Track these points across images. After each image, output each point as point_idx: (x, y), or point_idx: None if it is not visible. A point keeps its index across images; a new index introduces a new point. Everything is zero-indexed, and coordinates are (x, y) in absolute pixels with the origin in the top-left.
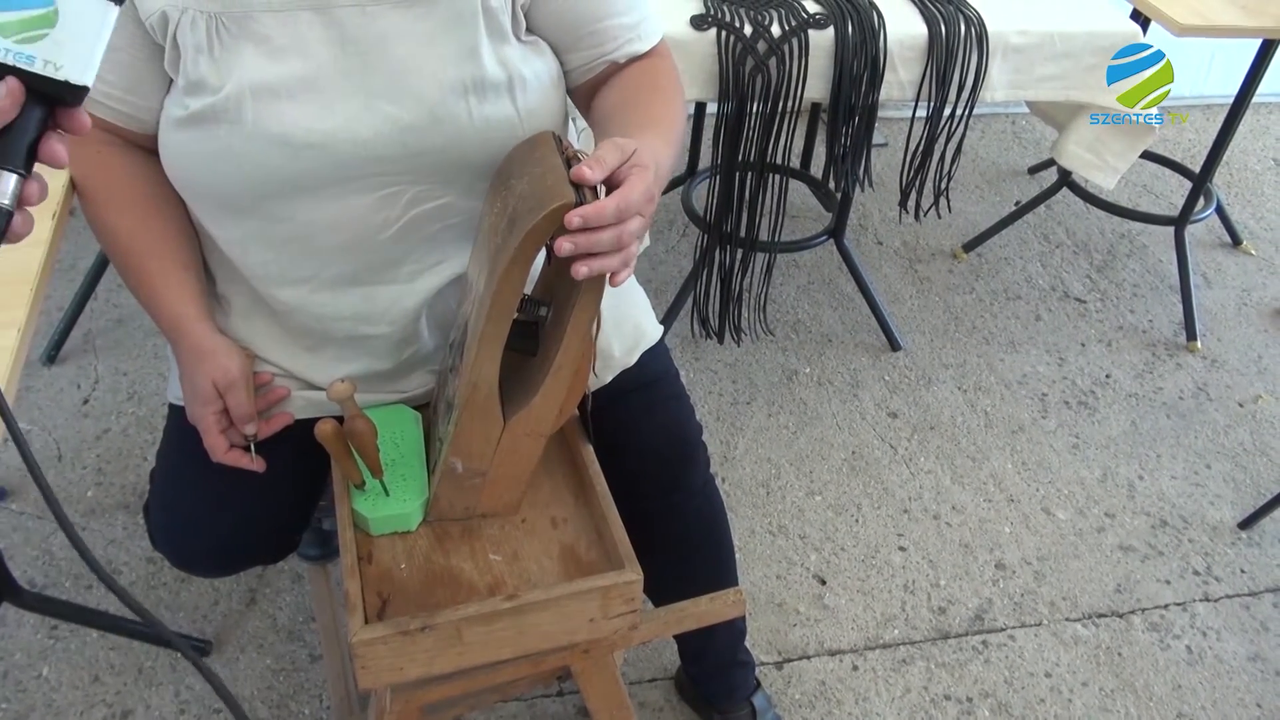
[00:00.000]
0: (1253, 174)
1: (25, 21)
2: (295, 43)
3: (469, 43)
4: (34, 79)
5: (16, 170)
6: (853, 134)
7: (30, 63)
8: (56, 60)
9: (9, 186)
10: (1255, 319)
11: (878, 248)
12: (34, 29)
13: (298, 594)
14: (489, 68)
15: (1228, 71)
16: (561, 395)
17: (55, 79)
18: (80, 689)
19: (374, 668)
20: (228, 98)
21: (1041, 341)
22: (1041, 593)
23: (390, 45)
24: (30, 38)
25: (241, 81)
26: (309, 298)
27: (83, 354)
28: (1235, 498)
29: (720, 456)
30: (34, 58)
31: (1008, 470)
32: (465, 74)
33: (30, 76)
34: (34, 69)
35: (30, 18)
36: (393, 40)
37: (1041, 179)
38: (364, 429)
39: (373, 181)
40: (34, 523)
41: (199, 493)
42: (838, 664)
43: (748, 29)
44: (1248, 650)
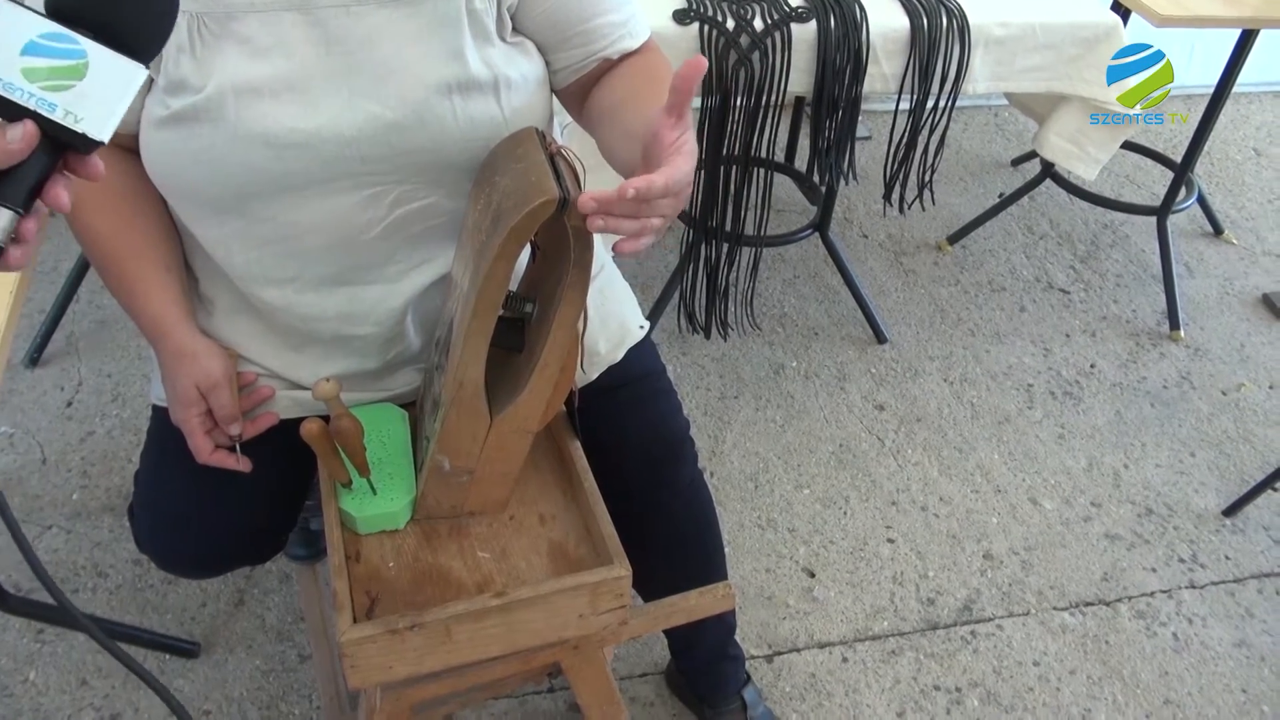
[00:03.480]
0: (1233, 163)
1: (55, 70)
2: (278, 42)
3: (453, 44)
4: (52, 126)
5: (14, 208)
6: (836, 127)
7: (51, 110)
8: (78, 112)
9: (2, 223)
10: (1237, 307)
11: (863, 241)
12: (62, 78)
13: (286, 594)
14: (474, 68)
15: (1208, 62)
16: (548, 392)
17: (74, 130)
18: (68, 693)
19: (363, 667)
20: (209, 97)
21: (1026, 332)
22: (1029, 582)
23: (374, 45)
24: (56, 86)
25: (224, 81)
26: (294, 298)
27: (65, 356)
28: (1220, 485)
29: (708, 451)
30: (56, 106)
31: (994, 461)
32: (450, 74)
33: (48, 123)
34: (54, 116)
35: (60, 67)
36: (377, 40)
37: (1025, 170)
38: (350, 428)
39: (357, 181)
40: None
41: (183, 494)
42: (827, 656)
43: (730, 23)
44: (1233, 636)
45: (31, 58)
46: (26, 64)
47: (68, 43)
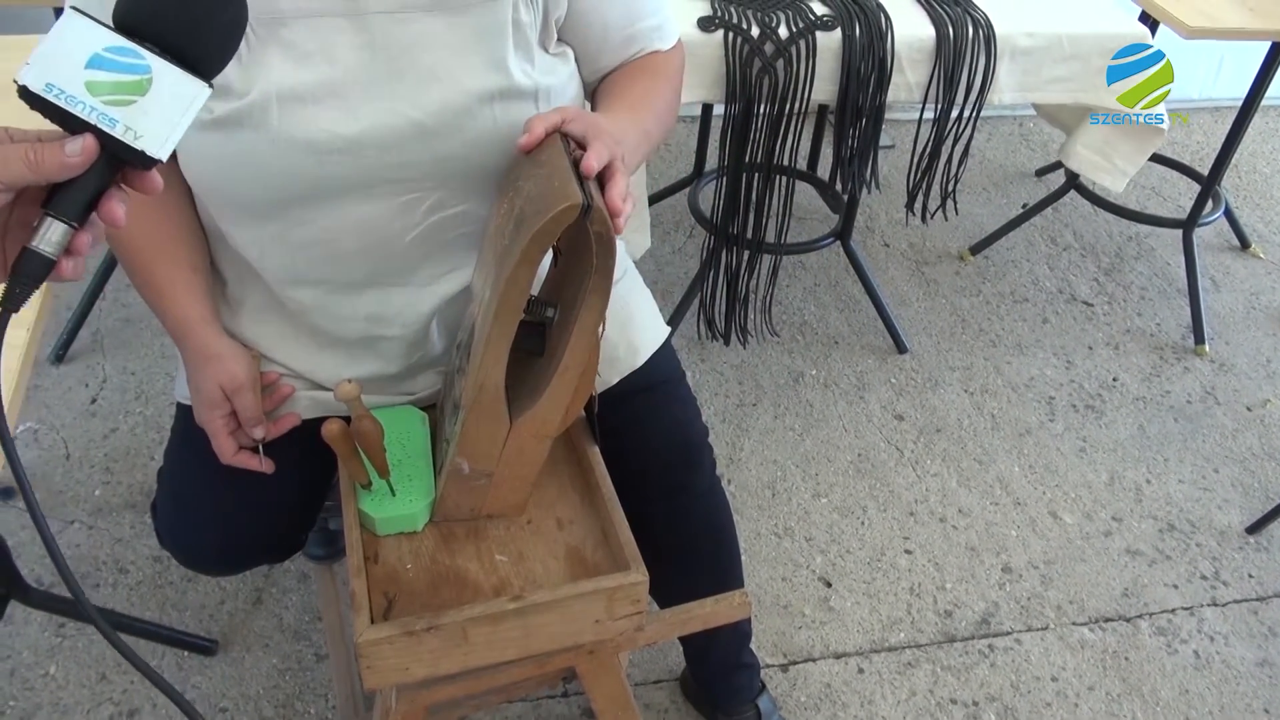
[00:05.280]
0: (1261, 177)
1: (118, 84)
2: (323, 48)
3: (497, 54)
4: (111, 141)
5: (69, 222)
6: (860, 136)
7: (112, 126)
8: (138, 129)
9: (56, 236)
10: (1264, 323)
11: (884, 250)
12: (124, 93)
13: (304, 594)
14: (516, 79)
15: (1237, 74)
16: (568, 396)
17: (133, 146)
18: (87, 687)
19: (379, 668)
20: (253, 103)
21: (1048, 344)
22: (1048, 596)
23: (419, 53)
24: (118, 101)
25: (268, 87)
26: (324, 298)
27: (91, 353)
28: (1243, 502)
29: (726, 458)
30: (116, 121)
31: (1014, 473)
32: (492, 84)
33: (108, 139)
34: (114, 132)
35: (123, 82)
36: (422, 48)
37: (1049, 181)
38: (371, 429)
39: (395, 187)
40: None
41: (206, 492)
42: (843, 667)
43: (755, 30)
44: (1255, 655)
45: (96, 71)
46: (90, 77)
47: (133, 57)
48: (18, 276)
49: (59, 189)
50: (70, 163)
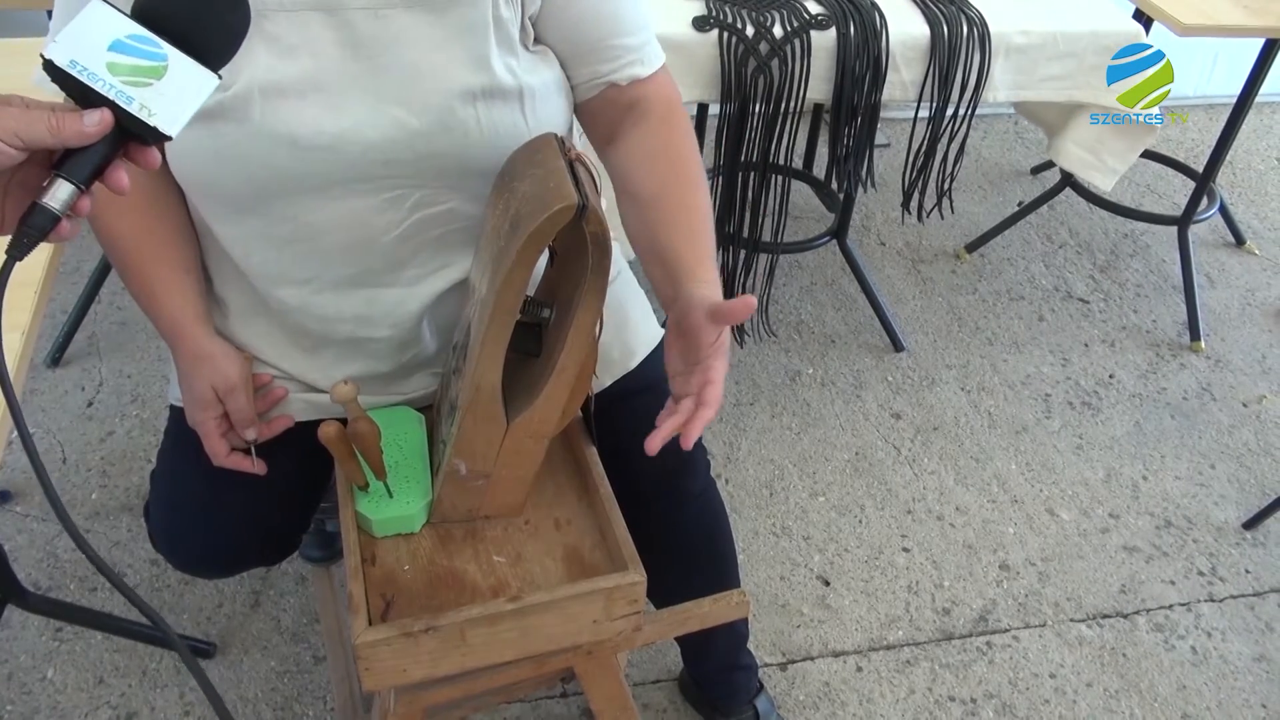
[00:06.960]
0: (1256, 174)
1: (136, 68)
2: (306, 43)
3: (479, 51)
4: (126, 116)
5: (78, 184)
6: (855, 135)
7: (129, 103)
8: (152, 107)
9: (63, 195)
10: (1259, 319)
11: (880, 248)
12: (142, 76)
13: (301, 596)
14: (499, 76)
15: (1231, 71)
16: (564, 397)
17: (146, 122)
18: (85, 691)
19: (378, 669)
20: (236, 96)
21: (1045, 342)
22: (1046, 593)
23: (401, 49)
24: (136, 82)
25: (251, 79)
26: (310, 298)
27: (86, 357)
28: (1240, 498)
29: (724, 457)
30: (133, 99)
31: (1011, 471)
32: (475, 81)
33: (124, 114)
34: (129, 109)
35: (142, 66)
36: (403, 44)
37: (1044, 179)
38: (367, 430)
39: (378, 184)
40: (38, 525)
41: (199, 494)
42: (842, 665)
43: (750, 30)
44: (1253, 651)
45: (117, 54)
46: (111, 59)
47: (152, 46)
48: (26, 228)
49: (70, 154)
50: (88, 131)
